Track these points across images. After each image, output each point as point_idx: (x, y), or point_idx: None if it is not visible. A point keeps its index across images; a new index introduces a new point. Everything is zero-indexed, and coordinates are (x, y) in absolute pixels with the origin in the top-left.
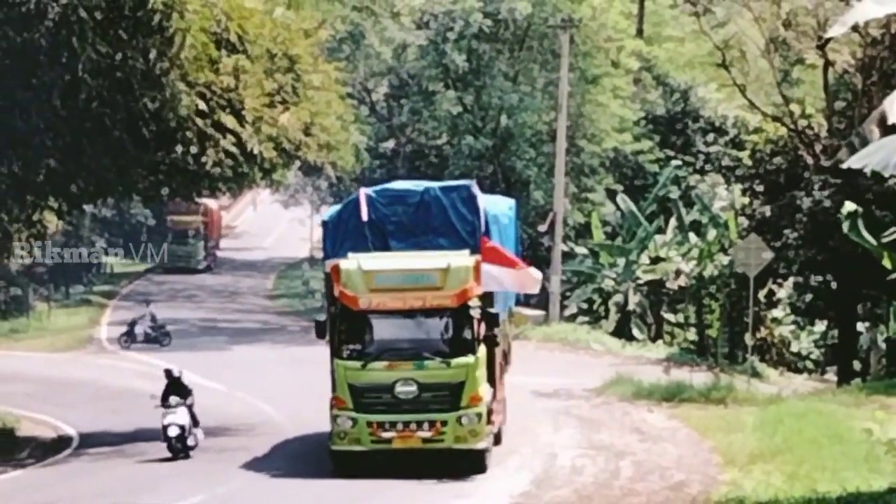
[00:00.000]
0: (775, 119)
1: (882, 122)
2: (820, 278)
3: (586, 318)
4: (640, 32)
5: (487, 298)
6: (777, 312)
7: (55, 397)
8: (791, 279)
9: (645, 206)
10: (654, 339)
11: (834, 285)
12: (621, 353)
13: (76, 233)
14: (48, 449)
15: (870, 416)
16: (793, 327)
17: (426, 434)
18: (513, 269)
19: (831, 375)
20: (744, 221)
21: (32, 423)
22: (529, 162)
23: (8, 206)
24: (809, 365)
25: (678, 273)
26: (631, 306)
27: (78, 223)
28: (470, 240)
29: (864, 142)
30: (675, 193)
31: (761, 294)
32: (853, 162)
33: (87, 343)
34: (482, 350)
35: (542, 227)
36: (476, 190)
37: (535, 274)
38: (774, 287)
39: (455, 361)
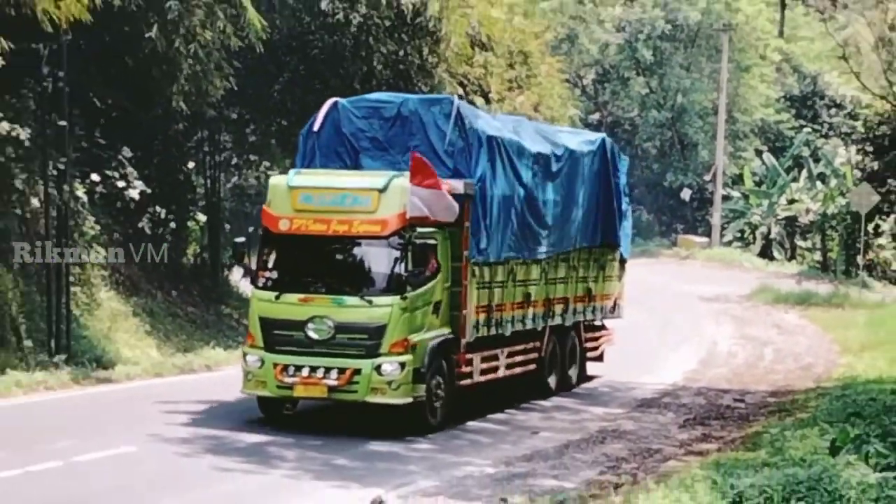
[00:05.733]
0: (882, 97)
1: None
2: None
3: (739, 244)
4: (781, 34)
5: None
6: (882, 240)
7: None
8: (893, 216)
9: (783, 162)
10: (789, 260)
11: None
12: (764, 269)
13: None
14: None
15: None
16: (893, 251)
17: (333, 382)
18: (439, 192)
19: None
20: (857, 173)
21: None
22: (698, 129)
23: None
24: None
25: (808, 211)
26: (772, 235)
27: None
28: (449, 161)
29: None
30: (806, 152)
31: (870, 226)
32: None
33: None
34: (432, 286)
35: (707, 177)
36: (461, 104)
37: (452, 203)
38: (880, 221)
39: (378, 300)
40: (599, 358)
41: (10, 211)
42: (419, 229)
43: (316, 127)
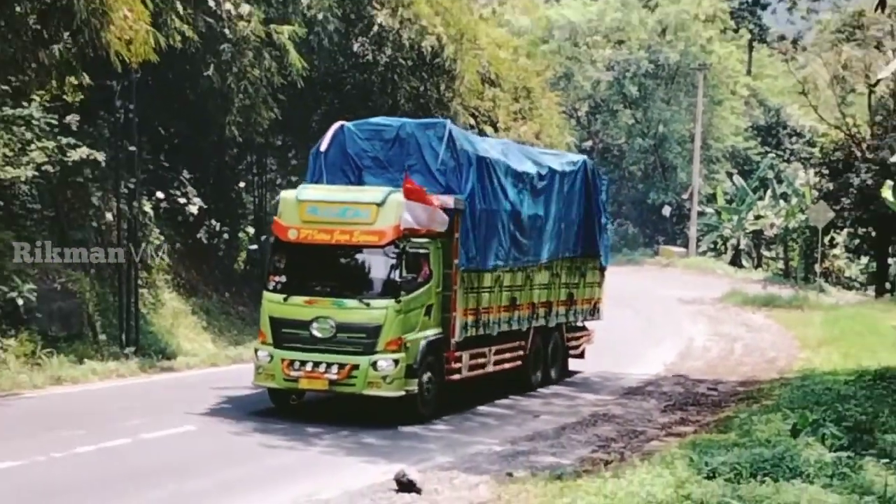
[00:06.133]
0: (836, 127)
1: None
2: (864, 229)
3: (712, 254)
4: (749, 72)
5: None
6: (836, 251)
7: None
8: (845, 230)
9: (751, 183)
10: (756, 267)
11: (873, 233)
12: (734, 276)
13: None
14: None
15: (895, 317)
16: (846, 260)
17: (333, 376)
18: (431, 208)
19: (870, 292)
20: (815, 193)
21: None
22: (677, 154)
23: None
24: (856, 285)
25: (772, 225)
26: (741, 246)
27: None
28: (441, 179)
29: None
30: (770, 175)
31: (826, 239)
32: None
33: None
34: (429, 290)
35: (685, 196)
36: (452, 128)
37: (442, 217)
38: (834, 235)
39: (375, 303)
40: (581, 355)
41: (87, 223)
42: (413, 240)
43: (323, 147)
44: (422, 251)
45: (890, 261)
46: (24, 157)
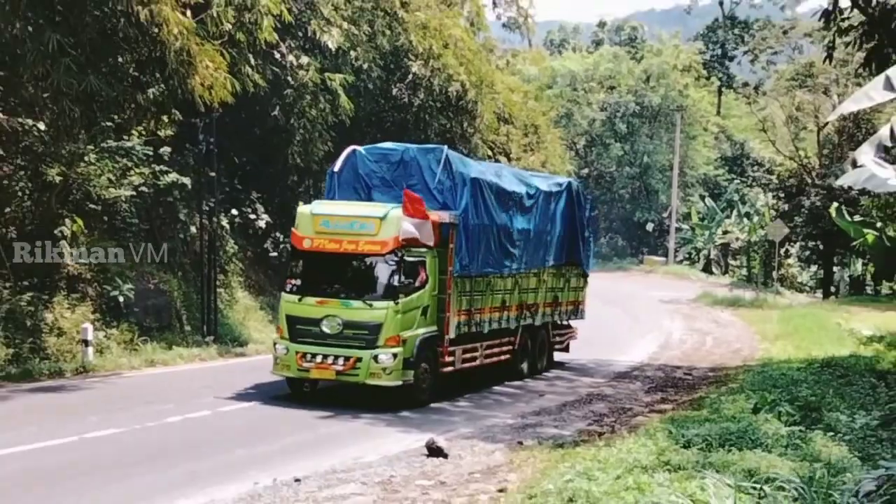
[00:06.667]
0: (790, 159)
1: (853, 162)
2: (813, 243)
3: (687, 262)
4: (718, 112)
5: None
6: (790, 261)
7: None
8: (797, 243)
9: (720, 205)
10: (723, 274)
11: (821, 246)
12: (706, 280)
13: None
14: None
15: (839, 316)
16: (798, 268)
17: (340, 367)
18: (422, 221)
19: (819, 295)
20: (772, 213)
21: None
22: (658, 180)
23: None
24: (807, 289)
25: (737, 239)
26: (712, 256)
27: None
28: (439, 196)
29: (843, 171)
30: (736, 198)
31: (781, 250)
32: (840, 182)
33: None
34: (426, 293)
35: (665, 214)
36: (449, 153)
37: (429, 231)
38: (789, 247)
39: (377, 304)
40: (566, 349)
41: (175, 235)
42: (412, 249)
43: (337, 168)
44: (418, 260)
45: (835, 269)
46: (124, 180)
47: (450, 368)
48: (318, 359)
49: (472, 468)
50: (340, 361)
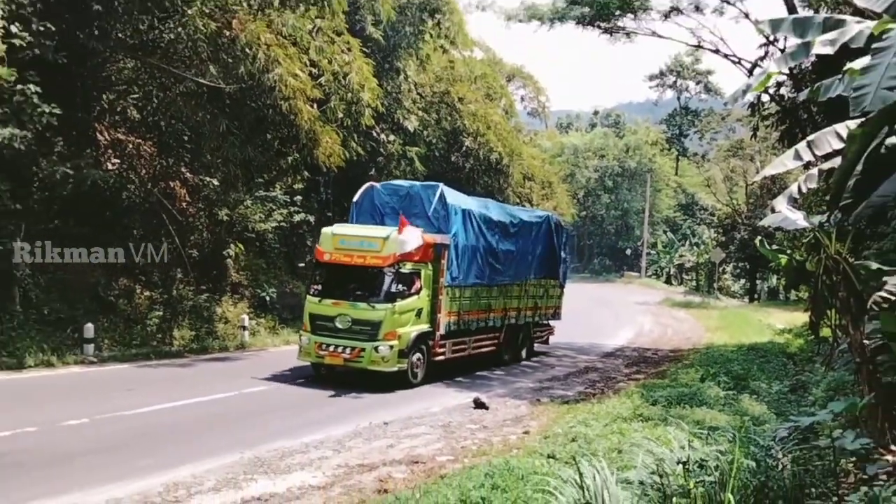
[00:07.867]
0: (726, 206)
1: (772, 209)
2: (742, 264)
3: (655, 276)
4: (676, 173)
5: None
6: (726, 276)
7: None
8: (731, 264)
9: (677, 237)
10: (679, 284)
11: (748, 266)
12: (668, 289)
13: None
14: None
15: (761, 315)
16: (732, 281)
17: (347, 356)
18: (418, 242)
19: (747, 300)
20: (714, 243)
21: None
22: (635, 220)
23: None
24: (738, 296)
25: (689, 261)
26: (672, 272)
27: None
28: (435, 222)
29: (765, 215)
30: (688, 232)
31: (720, 269)
32: (763, 222)
33: None
34: (420, 298)
35: (639, 243)
36: (445, 190)
37: (416, 245)
38: (725, 266)
39: (378, 306)
40: (546, 342)
41: (304, 256)
42: (409, 264)
43: (356, 199)
44: (414, 271)
45: (758, 282)
46: (270, 218)
47: (441, 357)
48: (332, 348)
49: (504, 417)
50: (348, 351)
